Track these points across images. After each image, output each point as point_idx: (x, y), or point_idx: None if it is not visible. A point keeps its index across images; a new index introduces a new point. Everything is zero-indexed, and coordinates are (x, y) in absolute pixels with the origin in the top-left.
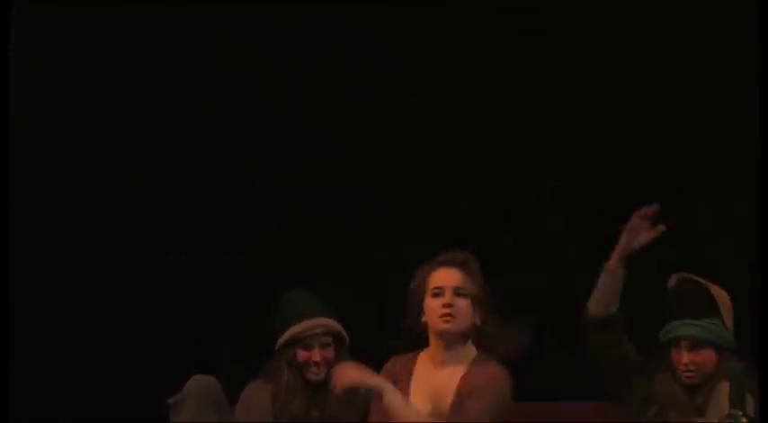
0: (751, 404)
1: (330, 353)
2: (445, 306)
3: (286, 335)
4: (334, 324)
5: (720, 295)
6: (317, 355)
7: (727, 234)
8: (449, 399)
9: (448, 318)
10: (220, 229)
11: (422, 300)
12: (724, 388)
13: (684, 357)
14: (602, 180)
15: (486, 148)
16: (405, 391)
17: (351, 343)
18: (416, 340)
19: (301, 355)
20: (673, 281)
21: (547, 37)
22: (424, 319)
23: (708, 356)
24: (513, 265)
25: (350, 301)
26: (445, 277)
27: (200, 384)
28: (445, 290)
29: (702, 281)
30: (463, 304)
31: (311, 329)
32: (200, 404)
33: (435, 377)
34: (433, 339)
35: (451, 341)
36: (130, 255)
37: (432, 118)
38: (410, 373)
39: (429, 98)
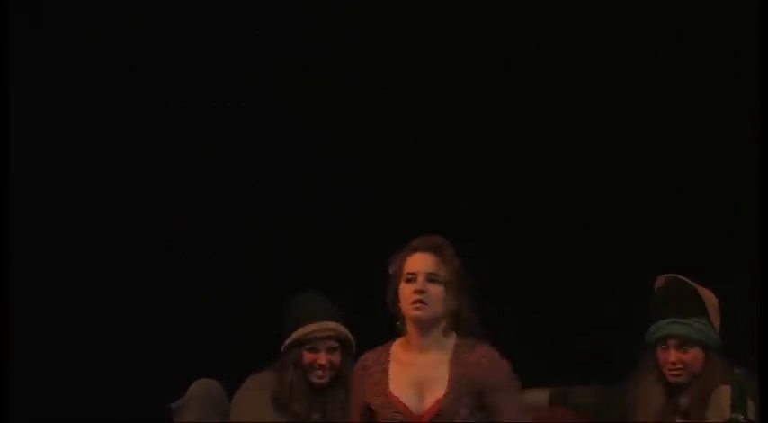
0: (752, 409)
1: (336, 357)
2: (416, 292)
3: (293, 336)
4: (342, 329)
5: (708, 296)
6: (322, 358)
7: (727, 234)
8: (437, 385)
9: (419, 305)
10: (220, 229)
11: (398, 286)
12: (725, 392)
13: (672, 356)
14: (602, 180)
15: (486, 149)
16: (381, 381)
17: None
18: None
19: (307, 357)
20: (660, 281)
21: (546, 37)
22: (399, 305)
23: (696, 356)
24: (512, 265)
25: (350, 301)
26: (418, 263)
27: (202, 388)
28: (418, 275)
29: (690, 281)
30: (436, 290)
31: (319, 332)
32: (202, 408)
33: (417, 364)
34: (409, 326)
35: (425, 327)
36: (130, 255)
37: (432, 118)
38: (385, 364)
39: (428, 99)
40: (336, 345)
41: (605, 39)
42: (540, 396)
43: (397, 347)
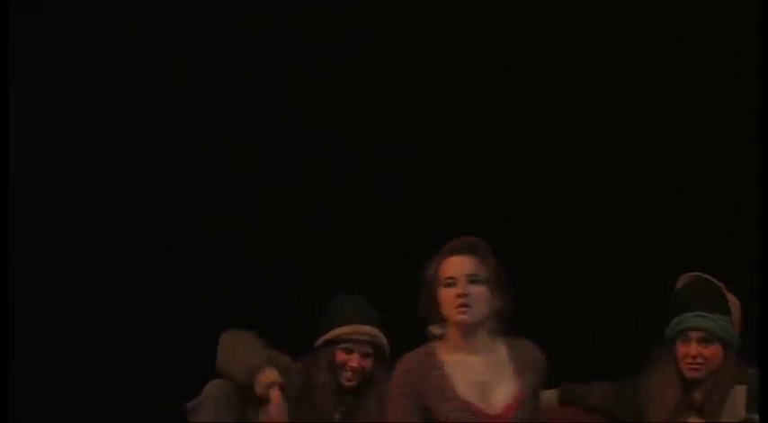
0: None
1: (368, 363)
2: (459, 296)
3: (329, 334)
4: (379, 335)
5: (731, 298)
6: (355, 360)
7: (727, 234)
8: (504, 384)
9: (464, 309)
10: (220, 229)
11: (436, 291)
12: (740, 391)
13: (693, 349)
14: (602, 182)
15: (487, 147)
16: (445, 386)
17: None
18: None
19: (341, 356)
20: (684, 279)
21: (550, 36)
22: (441, 311)
23: (716, 352)
24: (516, 265)
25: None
26: (457, 266)
27: (217, 388)
28: (458, 279)
29: (715, 281)
30: (479, 291)
31: (354, 335)
32: (218, 408)
33: (474, 366)
34: (452, 330)
35: (471, 331)
36: (130, 255)
37: (447, 118)
38: (441, 368)
39: (448, 103)
40: (371, 351)
41: (609, 40)
42: (549, 396)
43: (442, 351)
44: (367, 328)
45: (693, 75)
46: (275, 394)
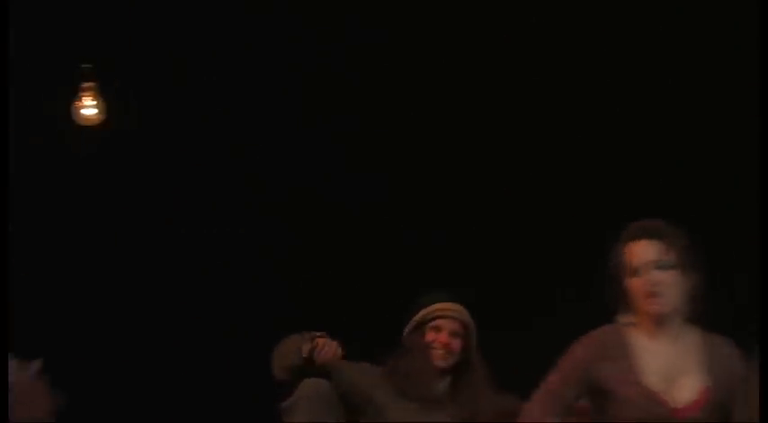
0: None
1: (456, 343)
2: (648, 284)
3: (419, 314)
4: (466, 313)
5: None
6: (444, 337)
7: (726, 233)
8: (692, 378)
9: (654, 300)
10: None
11: (622, 281)
12: None
13: None
14: (609, 182)
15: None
16: (631, 370)
17: None
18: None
19: (430, 335)
20: None
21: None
22: (629, 301)
23: None
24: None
25: None
26: (643, 252)
27: (311, 388)
28: (645, 266)
29: None
30: (669, 278)
31: (443, 311)
32: (312, 408)
33: (664, 355)
34: (644, 318)
35: (665, 320)
36: (131, 254)
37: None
38: (628, 351)
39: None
40: (461, 332)
41: (610, 41)
42: None
43: (631, 333)
44: (454, 305)
45: (693, 75)
46: (320, 339)
